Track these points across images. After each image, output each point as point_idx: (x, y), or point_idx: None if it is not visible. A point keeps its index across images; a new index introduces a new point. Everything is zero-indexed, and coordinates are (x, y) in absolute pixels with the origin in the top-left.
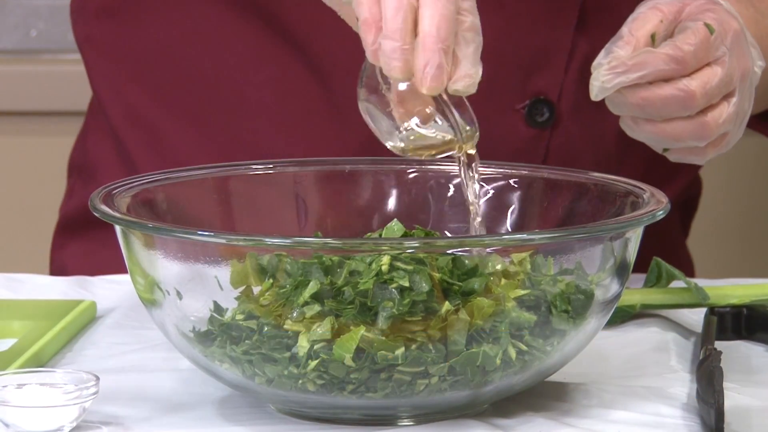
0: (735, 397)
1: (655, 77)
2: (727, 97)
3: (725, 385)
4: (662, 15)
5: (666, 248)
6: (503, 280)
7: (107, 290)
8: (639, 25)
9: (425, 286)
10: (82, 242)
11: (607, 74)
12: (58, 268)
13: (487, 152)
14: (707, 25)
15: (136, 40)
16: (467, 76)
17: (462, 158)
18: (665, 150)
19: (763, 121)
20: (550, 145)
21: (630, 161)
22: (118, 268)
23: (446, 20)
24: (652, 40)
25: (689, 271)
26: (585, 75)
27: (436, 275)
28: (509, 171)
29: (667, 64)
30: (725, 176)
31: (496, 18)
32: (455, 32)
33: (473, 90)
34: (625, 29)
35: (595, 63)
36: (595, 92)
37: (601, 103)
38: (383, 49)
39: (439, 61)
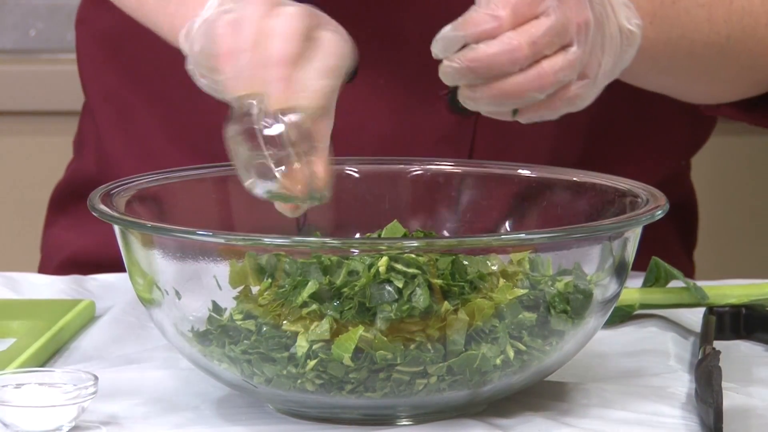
0: (734, 396)
1: (479, 37)
2: (564, 47)
3: (724, 384)
4: None
5: (660, 256)
6: (502, 280)
7: (106, 290)
8: None
9: (424, 302)
10: (68, 217)
11: (440, 46)
12: (46, 245)
13: (411, 138)
14: None
15: (115, 21)
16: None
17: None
18: (515, 113)
19: (747, 111)
20: (476, 132)
21: (584, 158)
22: (106, 242)
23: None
24: None
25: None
26: None
27: (436, 282)
28: (509, 171)
29: (488, 22)
30: (725, 176)
31: (418, 4)
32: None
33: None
34: None
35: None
36: (438, 51)
37: None
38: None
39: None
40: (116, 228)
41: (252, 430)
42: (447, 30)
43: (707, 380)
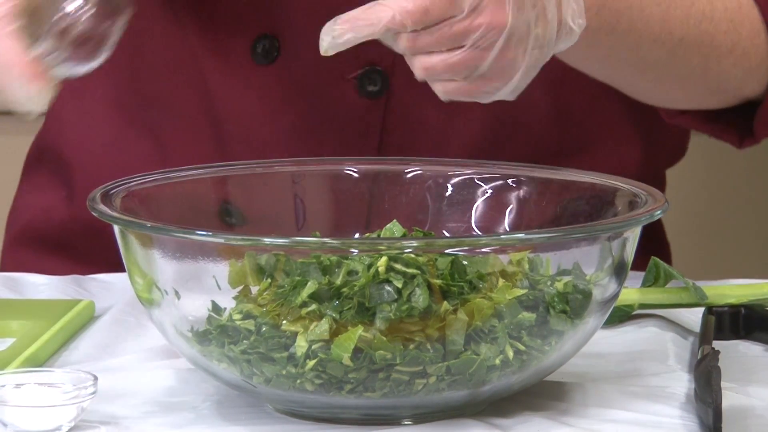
0: (733, 396)
1: (385, 31)
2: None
3: (723, 384)
4: None
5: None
6: (501, 280)
7: (106, 290)
8: None
9: (423, 302)
10: (29, 184)
11: (340, 27)
12: (12, 212)
13: (321, 121)
14: None
15: None
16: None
17: None
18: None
19: (709, 122)
20: (386, 117)
21: (510, 148)
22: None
23: None
24: None
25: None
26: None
27: (436, 282)
28: (508, 171)
29: (396, 16)
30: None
31: None
32: None
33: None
34: None
35: (328, 25)
36: (325, 47)
37: None
38: None
39: None
40: (116, 228)
41: (252, 430)
42: (346, 18)
43: (706, 380)
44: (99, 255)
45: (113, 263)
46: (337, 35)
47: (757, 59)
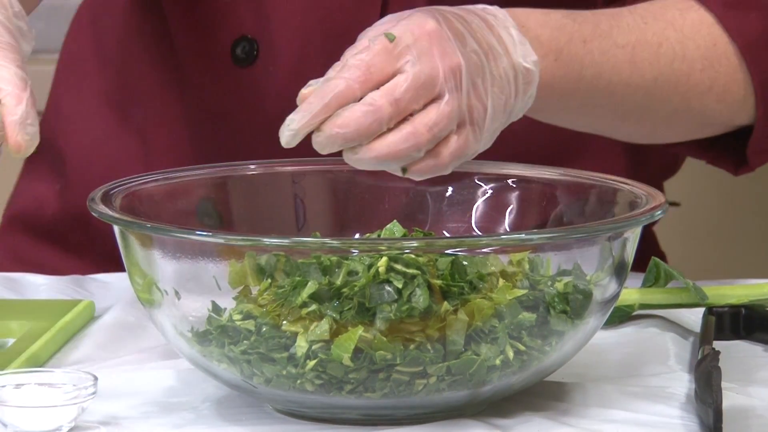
0: (733, 396)
1: (339, 103)
2: (435, 99)
3: (723, 384)
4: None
5: None
6: (501, 281)
7: (106, 290)
8: (351, 47)
9: (423, 302)
10: (26, 172)
11: (296, 118)
12: (10, 198)
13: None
14: (387, 35)
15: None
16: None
17: None
18: (404, 171)
19: (704, 150)
20: None
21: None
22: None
23: None
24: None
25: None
26: None
27: (436, 282)
28: (508, 171)
29: (344, 86)
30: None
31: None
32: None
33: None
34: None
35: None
36: (286, 140)
37: None
38: None
39: None
40: (116, 228)
41: (252, 430)
42: (296, 112)
43: (707, 380)
44: (90, 248)
45: (104, 256)
46: (294, 126)
47: (740, 94)
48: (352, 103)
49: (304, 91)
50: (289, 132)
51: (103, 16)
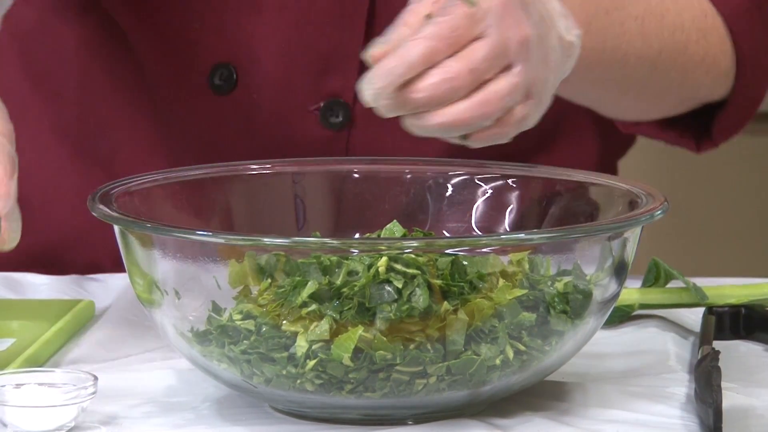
0: (733, 396)
1: (421, 65)
2: (505, 69)
3: (723, 384)
4: None
5: None
6: (501, 281)
7: (106, 290)
8: (412, 9)
9: (423, 302)
10: None
11: (376, 76)
12: None
13: (282, 153)
14: (466, 0)
15: (33, 23)
16: None
17: None
18: (464, 138)
19: (665, 129)
20: (349, 147)
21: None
22: None
23: None
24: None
25: None
26: None
27: (436, 282)
28: (508, 171)
29: (428, 48)
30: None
31: (284, 20)
32: None
33: None
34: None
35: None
36: (369, 98)
37: None
38: None
39: None
40: (116, 228)
41: (252, 430)
42: (377, 70)
43: (706, 380)
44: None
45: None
46: (378, 85)
47: (726, 66)
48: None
49: (375, 51)
50: (373, 90)
51: (36, 45)
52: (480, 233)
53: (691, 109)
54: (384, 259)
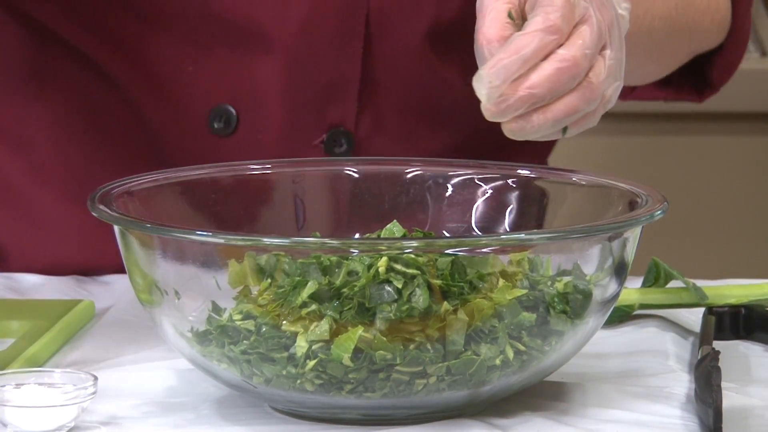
0: (733, 396)
1: (535, 59)
2: (600, 51)
3: (723, 384)
4: None
5: None
6: (501, 281)
7: (106, 290)
8: (491, 6)
9: (423, 302)
10: None
11: (491, 74)
12: None
13: None
14: None
15: None
16: None
17: None
18: (565, 131)
19: (662, 88)
20: None
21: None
22: None
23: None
24: (511, 19)
25: None
26: (379, 101)
27: (436, 282)
28: (508, 171)
29: (542, 40)
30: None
31: (283, 58)
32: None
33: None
34: (479, 24)
35: (476, 75)
36: (487, 97)
37: (400, 125)
38: None
39: None
40: (116, 228)
41: (252, 430)
42: (490, 68)
43: (706, 380)
44: None
45: None
46: (496, 83)
47: (726, 11)
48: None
49: (485, 51)
50: (487, 89)
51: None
52: (480, 233)
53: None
54: (384, 259)
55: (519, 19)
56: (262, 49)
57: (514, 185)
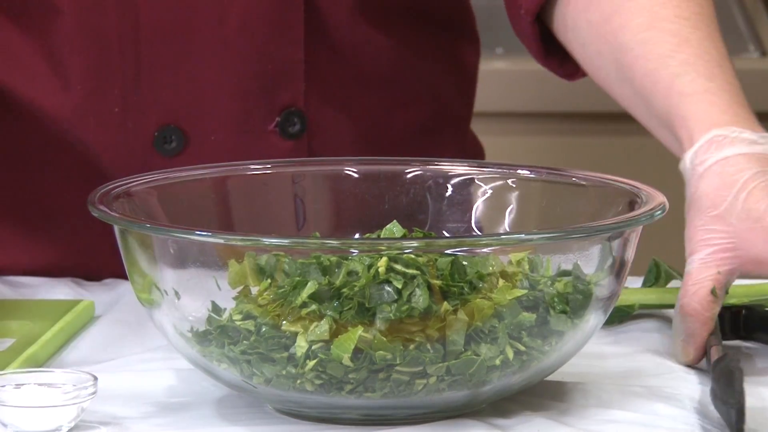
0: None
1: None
2: None
3: None
4: (716, 265)
5: None
6: (501, 281)
7: (106, 290)
8: (696, 279)
9: (423, 302)
10: None
11: (683, 360)
12: None
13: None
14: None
15: None
16: None
17: None
18: None
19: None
20: (312, 151)
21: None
22: None
23: None
24: (714, 295)
25: None
26: (325, 77)
27: (436, 282)
28: (508, 171)
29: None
30: None
31: (225, 52)
32: None
33: None
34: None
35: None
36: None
37: (348, 99)
38: None
39: None
40: (116, 228)
41: (252, 430)
42: (686, 355)
43: (728, 380)
44: None
45: None
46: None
47: None
48: None
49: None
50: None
51: None
52: (480, 233)
53: None
54: (384, 259)
55: (722, 292)
56: (201, 52)
57: (514, 185)
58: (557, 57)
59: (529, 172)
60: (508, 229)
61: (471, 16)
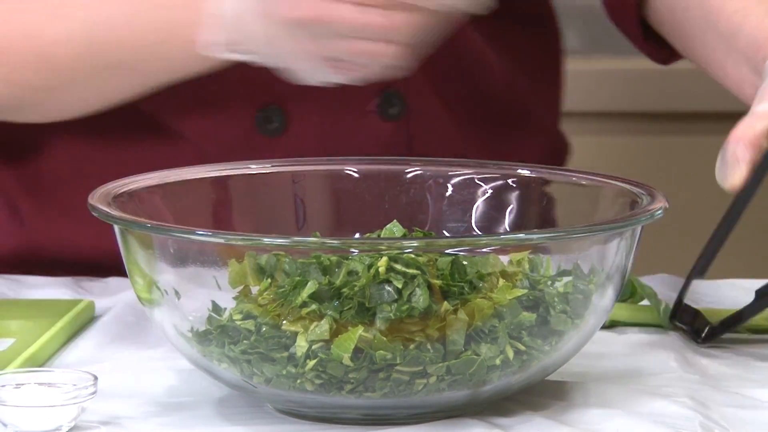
0: (733, 396)
1: None
2: None
3: (723, 384)
4: None
5: None
6: (502, 281)
7: (106, 290)
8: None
9: (423, 302)
10: None
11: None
12: None
13: (353, 149)
14: None
15: None
16: None
17: None
18: None
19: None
20: (410, 133)
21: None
22: None
23: None
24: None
25: None
26: (426, 64)
27: (436, 282)
28: (508, 171)
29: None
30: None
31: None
32: None
33: None
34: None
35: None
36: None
37: (445, 90)
38: None
39: None
40: (116, 228)
41: (252, 430)
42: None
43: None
44: None
45: None
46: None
47: None
48: None
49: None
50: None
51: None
52: (480, 233)
53: None
54: (384, 259)
55: None
56: None
57: (514, 185)
58: (654, 41)
59: (529, 172)
60: (508, 229)
61: (554, 13)
